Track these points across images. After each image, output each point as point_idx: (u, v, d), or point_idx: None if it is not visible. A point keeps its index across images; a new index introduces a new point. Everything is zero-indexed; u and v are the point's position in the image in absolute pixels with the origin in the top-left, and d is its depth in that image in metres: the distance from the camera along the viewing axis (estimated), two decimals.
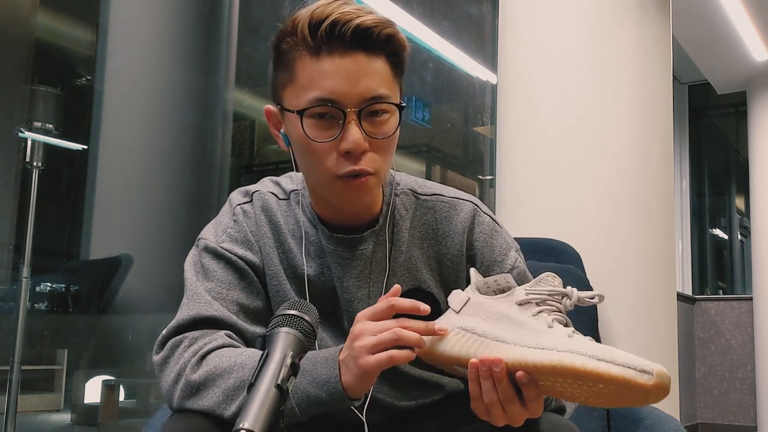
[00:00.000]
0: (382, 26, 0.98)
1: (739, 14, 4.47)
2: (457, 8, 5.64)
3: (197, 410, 0.96)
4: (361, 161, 0.99)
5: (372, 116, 1.00)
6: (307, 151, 1.01)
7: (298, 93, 0.99)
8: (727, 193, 7.78)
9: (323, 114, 0.98)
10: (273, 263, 1.10)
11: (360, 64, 0.97)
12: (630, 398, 0.85)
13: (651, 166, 2.18)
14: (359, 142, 0.97)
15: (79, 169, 3.69)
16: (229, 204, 1.15)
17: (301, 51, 0.98)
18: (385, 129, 1.00)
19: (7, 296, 3.17)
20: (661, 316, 2.15)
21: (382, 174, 1.03)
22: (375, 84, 0.98)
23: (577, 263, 1.98)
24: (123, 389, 3.67)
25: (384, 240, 1.10)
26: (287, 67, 1.00)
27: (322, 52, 0.97)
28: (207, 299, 1.04)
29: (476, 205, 1.15)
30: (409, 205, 1.13)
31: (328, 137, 0.98)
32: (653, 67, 2.24)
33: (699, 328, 5.53)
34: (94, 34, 4.12)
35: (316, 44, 0.97)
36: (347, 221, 1.09)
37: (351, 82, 0.97)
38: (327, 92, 0.97)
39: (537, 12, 2.24)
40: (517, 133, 2.25)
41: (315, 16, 0.97)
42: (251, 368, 0.95)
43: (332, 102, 0.97)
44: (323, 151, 0.99)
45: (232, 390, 0.95)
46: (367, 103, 0.98)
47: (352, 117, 0.97)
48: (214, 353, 0.99)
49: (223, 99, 4.28)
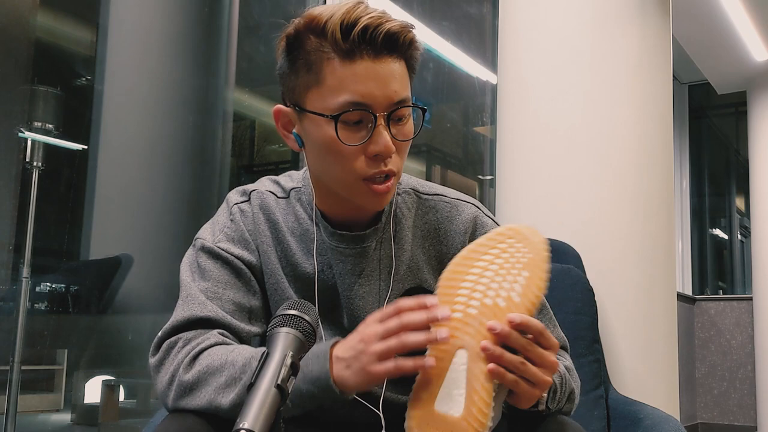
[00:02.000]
0: (406, 31, 1.01)
1: (739, 14, 4.47)
2: (457, 8, 5.64)
3: (191, 409, 0.97)
4: (388, 163, 1.01)
5: (397, 119, 1.02)
6: (332, 153, 1.01)
7: (325, 96, 0.99)
8: (727, 193, 7.78)
9: (354, 118, 0.99)
10: (271, 262, 1.10)
11: (388, 67, 0.99)
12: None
13: (651, 166, 2.18)
14: (390, 146, 1.00)
15: (79, 169, 3.69)
16: (226, 204, 1.15)
17: (329, 53, 0.98)
18: (407, 131, 1.03)
19: (7, 296, 3.17)
20: (661, 316, 2.15)
21: (400, 174, 1.06)
22: (400, 87, 1.01)
23: (577, 263, 1.98)
24: (123, 389, 3.67)
25: (387, 238, 1.11)
26: (312, 69, 1.00)
27: (355, 56, 0.98)
28: (201, 300, 1.04)
29: (479, 207, 1.16)
30: (411, 204, 1.14)
31: (358, 140, 0.99)
32: (653, 67, 2.23)
33: (699, 328, 5.53)
34: (94, 34, 4.12)
35: (348, 48, 0.97)
36: (350, 218, 1.09)
37: (381, 86, 0.99)
38: (359, 96, 0.98)
39: (537, 12, 2.24)
40: (517, 133, 2.25)
41: (346, 19, 0.97)
42: (242, 365, 0.95)
43: (365, 106, 0.98)
44: (351, 153, 1.00)
45: (224, 387, 0.95)
46: (395, 107, 1.00)
47: (381, 121, 0.99)
48: (205, 352, 0.99)
49: (223, 99, 4.28)
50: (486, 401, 0.91)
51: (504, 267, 0.97)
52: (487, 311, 0.95)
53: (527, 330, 0.92)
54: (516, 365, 0.91)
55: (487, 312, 0.95)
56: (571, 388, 1.09)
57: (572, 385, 1.09)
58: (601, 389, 1.81)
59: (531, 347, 0.92)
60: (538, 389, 0.94)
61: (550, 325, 1.15)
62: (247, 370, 0.95)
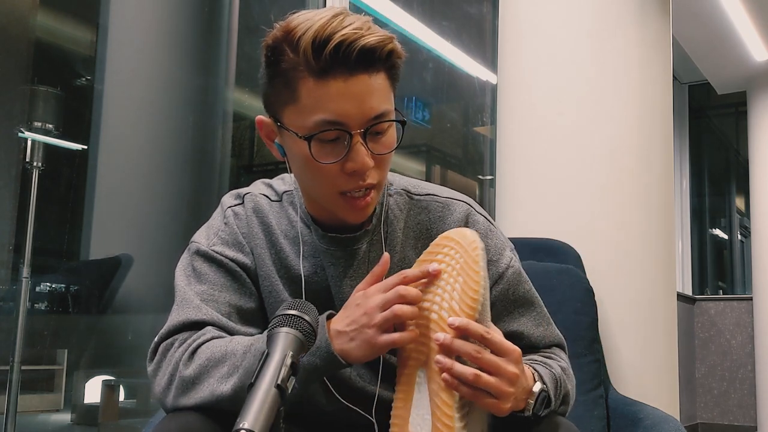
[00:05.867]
0: (384, 44, 0.97)
1: (739, 14, 4.46)
2: (457, 8, 5.64)
3: (194, 404, 0.97)
4: (366, 178, 1.00)
5: (375, 134, 1.00)
6: (310, 169, 1.00)
7: (301, 114, 0.98)
8: (727, 193, 7.78)
9: (329, 136, 0.97)
10: (265, 264, 1.10)
11: (363, 84, 0.96)
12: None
13: (651, 166, 2.18)
14: (366, 162, 0.98)
15: (79, 169, 3.69)
16: (220, 207, 1.15)
17: (303, 72, 0.96)
18: (387, 144, 1.01)
19: (7, 296, 3.17)
20: (661, 316, 2.15)
21: (382, 184, 1.05)
22: (378, 102, 0.98)
23: (577, 263, 1.98)
24: (123, 389, 3.67)
25: (378, 240, 1.10)
26: (288, 86, 0.98)
27: (328, 75, 0.95)
28: (196, 303, 1.04)
29: (470, 205, 1.16)
30: (403, 205, 1.14)
31: (334, 158, 0.98)
32: (653, 67, 2.23)
33: (699, 328, 5.53)
34: (94, 34, 4.12)
35: (320, 66, 0.95)
36: (340, 222, 1.09)
37: (356, 104, 0.96)
38: (334, 115, 0.96)
39: (537, 12, 2.24)
40: (517, 133, 2.25)
41: (318, 36, 0.94)
42: (243, 353, 0.96)
43: (339, 125, 0.97)
44: (328, 170, 0.99)
45: (226, 377, 0.96)
46: (372, 123, 0.98)
47: (358, 138, 0.97)
48: (203, 346, 1.00)
49: (223, 99, 4.27)
50: (449, 414, 0.91)
51: (442, 278, 0.97)
52: (434, 325, 0.95)
53: (468, 333, 0.92)
54: (467, 376, 0.91)
55: (434, 326, 0.95)
56: (566, 390, 1.08)
57: (567, 387, 1.09)
58: (601, 389, 1.81)
59: (480, 354, 0.92)
60: (501, 402, 0.93)
61: (543, 322, 1.15)
62: (248, 355, 0.95)
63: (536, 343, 1.13)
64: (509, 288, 1.12)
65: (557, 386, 1.05)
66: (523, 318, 1.13)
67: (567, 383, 1.09)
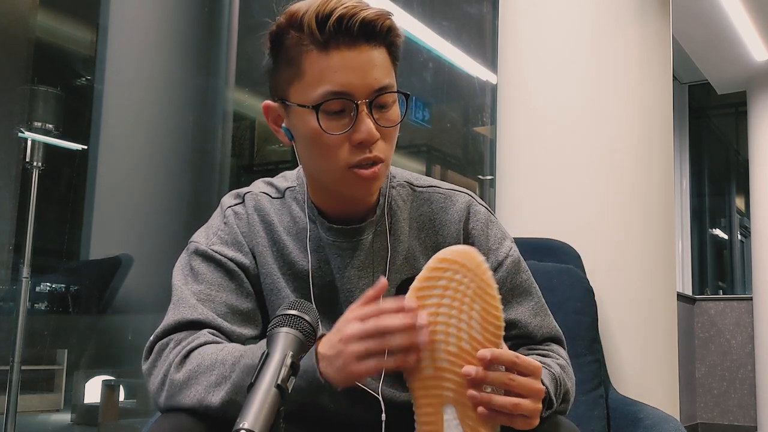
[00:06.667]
0: (383, 18, 1.01)
1: (739, 14, 4.47)
2: (457, 8, 5.64)
3: (183, 407, 0.97)
4: (373, 149, 1.01)
5: (379, 106, 1.02)
6: (318, 143, 1.02)
7: (306, 88, 1.01)
8: (727, 193, 7.78)
9: (335, 107, 1.00)
10: (267, 263, 1.10)
11: (366, 55, 1.00)
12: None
13: (651, 166, 2.18)
14: (373, 132, 1.00)
15: (79, 169, 3.69)
16: (220, 208, 1.16)
17: (307, 46, 1.00)
18: (392, 117, 1.03)
19: (7, 296, 3.17)
20: (661, 316, 2.15)
21: (389, 161, 1.06)
22: (381, 74, 1.01)
23: (577, 263, 1.98)
24: (123, 389, 3.67)
25: (383, 230, 1.11)
26: (292, 63, 1.01)
27: (331, 46, 0.99)
28: (192, 303, 1.05)
29: (471, 196, 1.17)
30: (406, 197, 1.15)
31: (341, 129, 1.00)
32: (653, 67, 2.24)
33: (699, 328, 5.53)
34: (94, 34, 4.12)
35: (324, 39, 0.98)
36: (346, 213, 1.10)
37: (360, 74, 0.99)
38: (339, 86, 0.99)
39: (537, 12, 2.24)
40: (517, 133, 2.25)
41: (320, 10, 0.98)
42: (232, 363, 0.96)
43: (345, 95, 0.99)
44: (336, 142, 1.01)
45: (214, 386, 0.96)
46: (376, 94, 1.01)
47: (363, 108, 1.00)
48: (195, 351, 1.00)
49: (223, 99, 4.28)
50: None
51: (453, 306, 0.93)
52: (456, 358, 0.92)
53: (500, 363, 0.91)
54: (508, 407, 0.90)
55: (457, 359, 0.92)
56: (565, 389, 1.07)
57: (567, 385, 1.08)
58: (601, 389, 1.81)
59: (513, 380, 0.91)
60: (532, 419, 0.93)
61: (541, 312, 1.15)
62: (237, 369, 0.95)
63: (533, 333, 1.13)
64: (508, 276, 1.12)
65: (557, 386, 1.05)
66: (521, 307, 1.13)
67: (566, 382, 1.08)
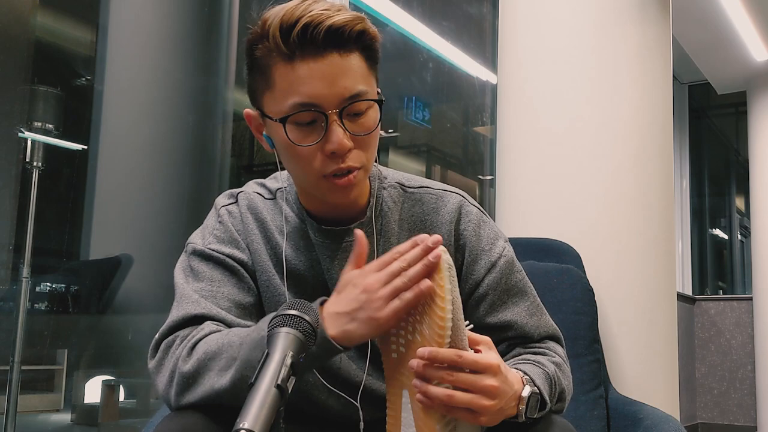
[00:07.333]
0: (353, 23, 0.98)
1: (739, 14, 4.47)
2: (457, 8, 5.64)
3: (196, 401, 0.97)
4: (347, 159, 1.00)
5: (352, 114, 1.00)
6: (292, 154, 1.02)
7: (277, 99, 1.00)
8: (727, 193, 7.78)
9: (306, 119, 0.99)
10: (262, 259, 1.11)
11: (335, 64, 0.98)
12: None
13: (651, 166, 2.18)
14: (343, 143, 0.98)
15: (79, 169, 3.69)
16: (214, 208, 1.17)
17: (275, 57, 0.98)
18: (366, 125, 1.01)
19: (7, 296, 3.17)
20: (661, 316, 2.15)
21: (368, 167, 1.05)
22: (352, 82, 0.99)
23: (577, 263, 1.98)
24: (123, 389, 3.67)
25: (372, 232, 1.11)
26: (263, 74, 1.00)
27: (296, 58, 0.97)
28: (195, 298, 1.05)
29: (463, 197, 1.17)
30: (397, 198, 1.15)
31: (312, 141, 0.99)
32: (653, 67, 2.24)
33: (699, 328, 5.53)
34: (94, 34, 4.12)
35: (290, 50, 0.97)
36: (335, 214, 1.10)
37: (328, 84, 0.97)
38: (306, 97, 0.97)
39: (537, 12, 2.24)
40: (517, 133, 2.25)
41: (285, 20, 0.96)
42: (239, 344, 0.96)
43: (312, 106, 0.98)
44: (308, 153, 1.00)
45: (224, 370, 0.96)
46: (347, 103, 0.99)
47: (334, 118, 0.98)
48: (202, 341, 1.00)
49: (223, 99, 4.28)
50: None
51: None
52: (413, 346, 0.94)
53: (438, 362, 0.91)
54: (440, 398, 0.91)
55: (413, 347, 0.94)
56: (561, 387, 1.07)
57: (563, 384, 1.08)
58: (601, 389, 1.81)
59: (452, 377, 0.91)
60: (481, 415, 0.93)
61: (537, 312, 1.14)
62: (244, 345, 0.95)
63: (530, 333, 1.12)
64: (502, 277, 1.12)
65: (551, 385, 1.04)
66: (517, 308, 1.12)
67: (562, 380, 1.08)
